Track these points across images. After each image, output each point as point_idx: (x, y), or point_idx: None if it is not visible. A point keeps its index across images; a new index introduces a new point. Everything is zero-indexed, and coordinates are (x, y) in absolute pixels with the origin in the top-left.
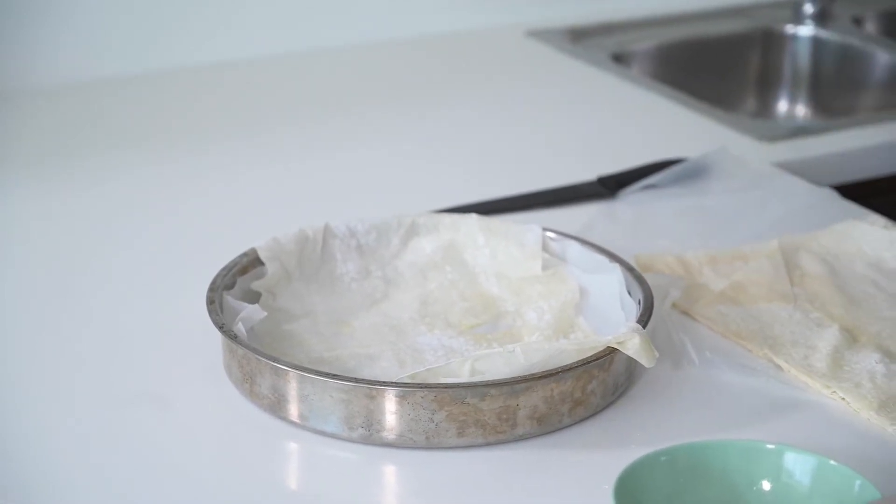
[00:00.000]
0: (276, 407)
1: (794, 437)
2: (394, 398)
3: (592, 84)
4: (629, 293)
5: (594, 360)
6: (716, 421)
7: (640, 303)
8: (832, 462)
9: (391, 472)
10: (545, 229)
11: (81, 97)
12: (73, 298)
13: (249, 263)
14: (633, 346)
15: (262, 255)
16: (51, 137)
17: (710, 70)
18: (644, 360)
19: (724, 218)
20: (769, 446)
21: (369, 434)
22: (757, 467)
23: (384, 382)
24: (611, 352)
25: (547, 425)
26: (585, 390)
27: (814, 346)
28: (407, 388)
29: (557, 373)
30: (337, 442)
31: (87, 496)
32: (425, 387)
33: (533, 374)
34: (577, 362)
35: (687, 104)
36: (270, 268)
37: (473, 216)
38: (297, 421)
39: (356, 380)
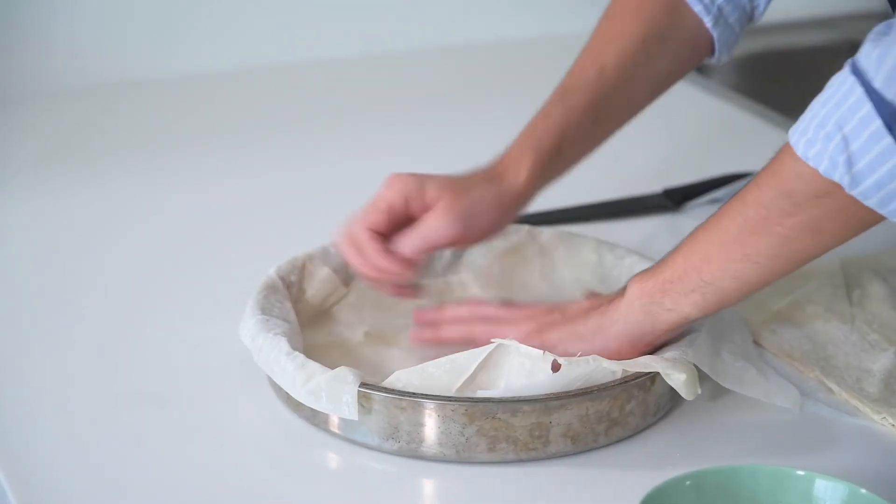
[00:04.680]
0: (312, 416)
1: (839, 462)
2: (423, 410)
3: (670, 94)
4: None
5: (633, 381)
6: (760, 444)
7: None
8: (863, 491)
9: (422, 485)
10: (603, 241)
11: (99, 100)
12: (101, 302)
13: (301, 269)
14: (677, 379)
15: (314, 264)
16: (58, 141)
17: (795, 82)
18: (685, 393)
19: None
20: (799, 473)
21: (400, 446)
22: (786, 494)
23: (413, 394)
24: (651, 372)
25: (581, 444)
26: (623, 410)
27: (868, 370)
28: (437, 401)
29: (592, 391)
30: (372, 453)
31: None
32: (455, 400)
33: (567, 392)
34: (613, 381)
35: (765, 117)
36: (319, 274)
37: (525, 228)
38: (336, 431)
39: (386, 390)
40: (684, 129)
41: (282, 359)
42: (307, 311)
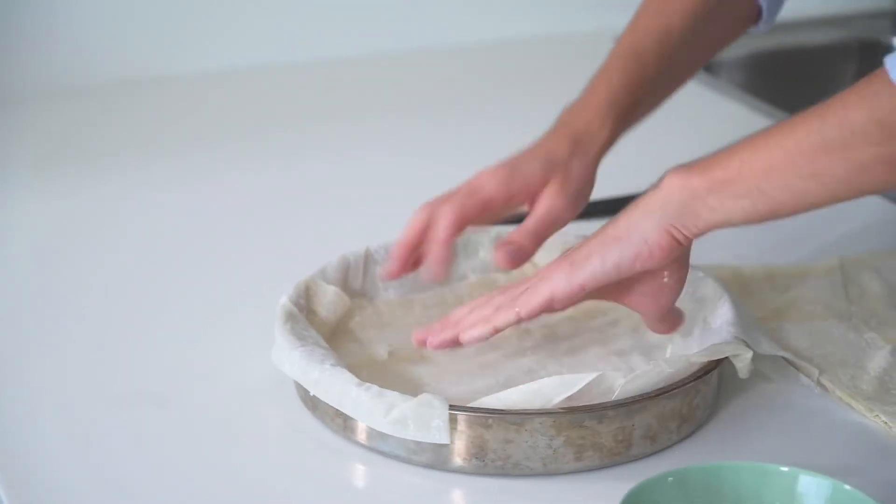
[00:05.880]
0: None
1: (832, 459)
2: (511, 426)
3: (677, 92)
4: None
5: (701, 376)
6: (750, 440)
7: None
8: (847, 487)
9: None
10: None
11: (100, 99)
12: (101, 302)
13: (306, 291)
14: (745, 359)
15: (316, 283)
16: (59, 141)
17: (804, 81)
18: (745, 373)
19: (788, 233)
20: (783, 469)
21: (485, 464)
22: (770, 490)
23: (502, 411)
24: (714, 366)
25: (659, 444)
26: (692, 405)
27: (863, 367)
28: (525, 415)
29: (670, 390)
30: (453, 475)
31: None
32: (544, 413)
33: (648, 394)
34: (685, 378)
35: (772, 115)
36: (327, 294)
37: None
38: (365, 443)
39: (472, 409)
40: (690, 127)
41: (352, 391)
42: (323, 332)
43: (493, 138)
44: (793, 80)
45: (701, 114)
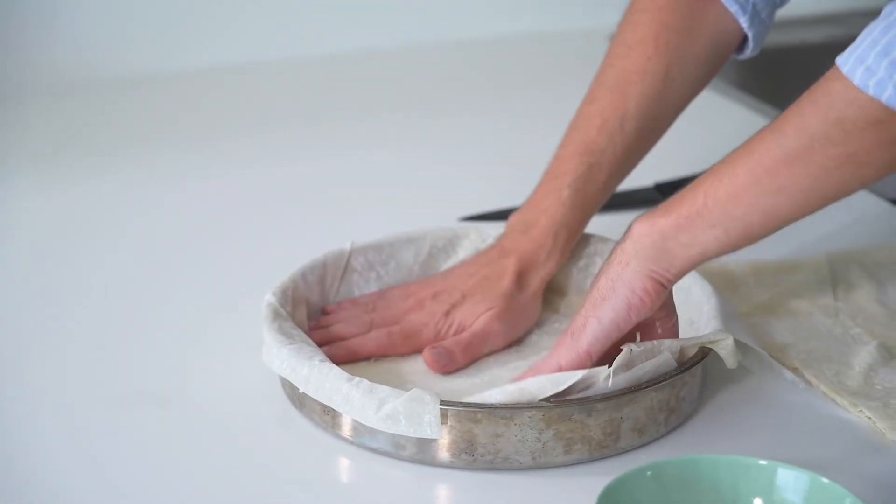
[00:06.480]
0: (329, 422)
1: (818, 454)
2: (500, 420)
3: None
4: None
5: (689, 368)
6: (735, 434)
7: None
8: (824, 480)
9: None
10: (592, 235)
11: (103, 96)
12: (103, 300)
13: (291, 296)
14: (726, 346)
15: (297, 293)
16: (62, 138)
17: (800, 79)
18: (731, 362)
19: None
20: (761, 462)
21: (474, 459)
22: (748, 483)
23: (492, 405)
24: (701, 358)
25: (647, 436)
26: (679, 397)
27: (848, 363)
28: (514, 409)
29: (658, 382)
30: (442, 470)
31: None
32: (534, 407)
33: (639, 385)
34: (675, 370)
35: (767, 114)
36: (299, 313)
37: (491, 233)
38: (353, 439)
39: (462, 404)
40: (678, 123)
41: (343, 386)
42: (305, 329)
43: (491, 135)
44: (789, 78)
45: (695, 112)
